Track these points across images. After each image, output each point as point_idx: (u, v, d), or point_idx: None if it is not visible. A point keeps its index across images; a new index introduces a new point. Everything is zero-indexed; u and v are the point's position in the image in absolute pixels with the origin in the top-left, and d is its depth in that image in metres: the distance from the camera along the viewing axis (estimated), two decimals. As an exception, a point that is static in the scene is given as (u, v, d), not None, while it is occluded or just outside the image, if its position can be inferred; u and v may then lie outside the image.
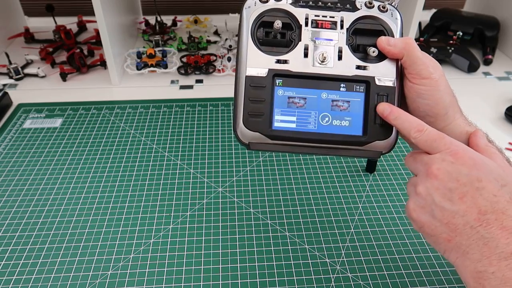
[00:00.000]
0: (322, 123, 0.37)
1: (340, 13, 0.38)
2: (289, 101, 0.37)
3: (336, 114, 0.37)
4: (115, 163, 0.65)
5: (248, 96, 0.36)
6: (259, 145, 0.37)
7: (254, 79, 0.36)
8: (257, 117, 0.36)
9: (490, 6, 1.04)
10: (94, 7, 0.73)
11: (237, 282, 0.48)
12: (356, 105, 0.37)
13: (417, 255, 0.51)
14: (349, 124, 0.37)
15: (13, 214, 0.56)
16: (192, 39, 0.97)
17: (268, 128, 0.36)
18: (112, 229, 0.54)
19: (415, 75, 0.36)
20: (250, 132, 0.36)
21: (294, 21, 0.38)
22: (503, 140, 0.71)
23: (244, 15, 0.38)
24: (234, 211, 0.56)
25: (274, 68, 0.37)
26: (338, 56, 0.37)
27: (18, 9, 1.04)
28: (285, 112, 0.37)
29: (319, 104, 0.37)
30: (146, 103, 0.79)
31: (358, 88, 0.37)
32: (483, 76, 0.90)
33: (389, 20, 0.39)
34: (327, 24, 0.38)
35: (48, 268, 0.49)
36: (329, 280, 0.48)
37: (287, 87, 0.37)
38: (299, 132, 0.37)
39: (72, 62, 0.87)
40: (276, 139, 0.37)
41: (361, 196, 0.59)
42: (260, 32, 0.38)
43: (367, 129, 0.37)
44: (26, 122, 0.73)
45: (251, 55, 0.37)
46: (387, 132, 0.37)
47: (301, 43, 0.37)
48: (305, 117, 0.37)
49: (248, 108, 0.36)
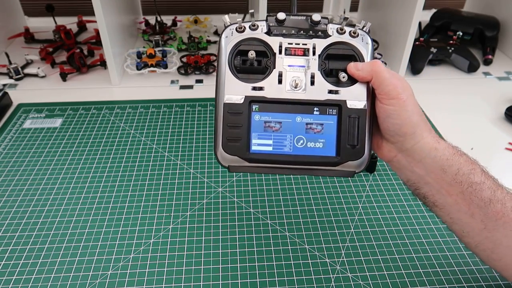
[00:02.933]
0: (297, 146, 0.39)
1: (312, 40, 0.40)
2: (266, 125, 0.39)
3: (310, 136, 0.39)
4: (115, 163, 0.65)
5: (226, 122, 0.38)
6: (239, 168, 0.39)
7: (232, 106, 0.38)
8: (235, 141, 0.38)
9: (490, 6, 1.04)
10: (94, 7, 0.73)
11: (237, 282, 0.48)
12: (329, 127, 0.39)
13: (417, 255, 0.51)
14: (323, 146, 0.39)
15: (13, 214, 0.56)
16: (192, 39, 0.97)
17: (245, 152, 0.38)
18: (112, 229, 0.54)
19: (384, 95, 0.38)
20: (229, 156, 0.38)
21: (268, 49, 0.40)
22: (503, 140, 0.71)
23: (222, 44, 0.40)
24: (234, 211, 0.56)
25: (250, 95, 0.38)
26: (311, 81, 0.39)
27: (18, 9, 1.04)
28: (262, 136, 0.39)
29: (294, 128, 0.39)
30: (146, 103, 0.79)
31: (330, 111, 0.39)
32: (483, 76, 0.90)
33: (360, 45, 0.40)
34: (300, 51, 0.40)
35: (48, 268, 0.49)
36: (329, 280, 0.48)
37: (263, 112, 0.39)
38: (276, 155, 0.38)
39: (72, 62, 0.87)
40: (254, 162, 0.39)
41: (361, 196, 0.59)
42: (237, 60, 0.39)
43: (340, 150, 0.39)
44: (26, 122, 0.73)
45: (228, 83, 0.39)
46: (359, 152, 0.39)
47: (275, 70, 0.39)
48: (281, 140, 0.39)
49: (227, 134, 0.38)
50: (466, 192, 0.38)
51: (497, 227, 0.37)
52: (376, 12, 1.01)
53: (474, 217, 0.38)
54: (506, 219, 0.37)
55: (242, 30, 0.40)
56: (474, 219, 0.38)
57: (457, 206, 0.38)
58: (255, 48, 0.39)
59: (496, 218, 0.37)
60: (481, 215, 0.37)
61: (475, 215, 0.38)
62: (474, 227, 0.38)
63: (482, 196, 0.37)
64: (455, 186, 0.38)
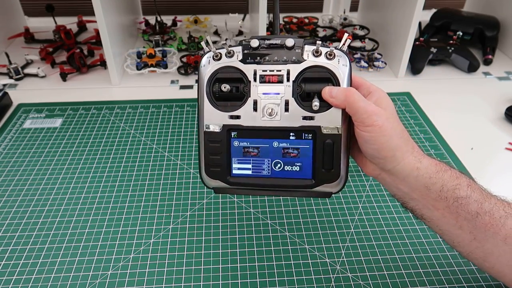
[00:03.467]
0: (275, 169, 0.41)
1: (287, 65, 0.39)
2: (244, 150, 0.41)
3: (287, 160, 0.40)
4: (115, 163, 0.65)
5: (207, 150, 0.41)
6: (222, 190, 0.42)
7: (211, 134, 0.40)
8: (216, 167, 0.41)
9: (490, 6, 1.04)
10: (94, 7, 0.73)
11: (237, 282, 0.48)
12: (305, 151, 0.40)
13: (417, 255, 0.51)
14: (299, 169, 0.40)
15: (13, 214, 0.56)
16: (192, 39, 0.97)
17: (226, 176, 0.41)
18: (112, 229, 0.54)
19: (359, 123, 0.38)
20: (212, 180, 0.42)
21: (244, 76, 0.40)
22: (503, 140, 0.71)
23: (200, 73, 0.41)
24: (234, 211, 0.56)
25: (228, 124, 0.40)
26: (285, 108, 0.39)
27: (18, 9, 1.04)
28: (241, 161, 0.41)
29: (271, 152, 0.41)
30: (146, 103, 0.79)
31: (306, 136, 0.40)
32: (483, 76, 0.90)
33: (336, 67, 0.39)
34: (274, 78, 0.40)
35: (48, 268, 0.49)
36: (329, 280, 0.48)
37: (242, 138, 0.41)
38: (255, 178, 0.41)
39: (72, 62, 0.87)
40: (235, 185, 0.41)
41: (361, 196, 0.59)
42: (215, 87, 0.40)
43: (315, 174, 0.40)
44: (26, 122, 0.73)
45: (207, 112, 0.40)
46: (334, 175, 0.40)
47: (250, 98, 0.40)
48: (260, 164, 0.41)
49: (208, 160, 0.41)
50: (452, 207, 0.38)
51: (486, 238, 0.37)
52: (376, 12, 1.01)
53: (462, 229, 0.38)
54: (495, 230, 0.37)
55: (219, 58, 0.40)
56: (463, 231, 0.38)
57: (444, 219, 0.39)
58: (231, 76, 0.40)
59: (485, 229, 0.37)
60: (470, 227, 0.38)
61: (464, 227, 0.38)
62: (464, 238, 0.38)
63: (468, 210, 0.37)
64: (440, 202, 0.38)
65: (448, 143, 0.70)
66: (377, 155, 0.38)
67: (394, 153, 0.38)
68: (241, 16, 1.09)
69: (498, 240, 0.37)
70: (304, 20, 1.07)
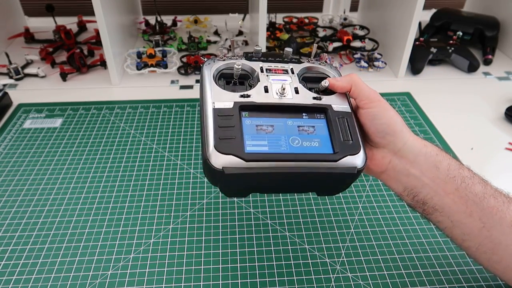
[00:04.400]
0: (293, 145, 0.38)
1: (289, 64, 0.44)
2: (258, 128, 0.38)
3: (304, 137, 0.39)
4: (115, 163, 0.65)
5: (217, 124, 0.36)
6: (234, 169, 0.35)
7: (222, 110, 0.38)
8: (229, 141, 0.36)
9: (490, 6, 1.04)
10: (94, 7, 0.73)
11: (237, 282, 0.48)
12: (320, 129, 0.39)
13: (417, 255, 0.51)
14: (318, 144, 0.38)
15: (13, 214, 0.56)
16: (192, 39, 0.97)
17: (242, 150, 0.35)
18: (112, 229, 0.54)
19: (365, 100, 0.40)
20: (224, 156, 0.35)
21: (250, 71, 0.42)
22: (503, 140, 0.71)
23: (204, 69, 0.42)
24: (234, 211, 0.56)
25: (239, 101, 0.39)
26: (295, 90, 0.41)
27: (18, 9, 1.04)
28: (256, 137, 0.37)
29: (287, 130, 0.38)
30: (146, 103, 0.79)
31: (318, 115, 0.40)
32: (483, 76, 0.90)
33: (330, 69, 0.45)
34: (280, 70, 0.43)
35: (48, 268, 0.49)
36: (329, 280, 0.48)
37: (254, 117, 0.38)
38: (273, 154, 0.36)
39: (72, 62, 0.87)
40: (252, 161, 0.35)
41: (361, 196, 0.59)
42: (221, 81, 0.42)
43: (336, 147, 0.38)
44: (26, 122, 0.73)
45: (215, 93, 0.39)
46: (355, 147, 0.38)
47: (260, 83, 0.41)
48: (276, 141, 0.37)
49: (219, 133, 0.36)
50: (460, 188, 0.39)
51: (494, 224, 0.38)
52: (376, 12, 1.01)
53: (472, 216, 0.38)
54: (502, 214, 0.38)
55: (223, 58, 0.43)
56: (473, 218, 0.38)
57: (455, 206, 0.39)
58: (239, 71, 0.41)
59: (492, 213, 0.38)
60: (478, 212, 0.38)
61: (473, 213, 0.38)
62: (473, 227, 0.39)
63: (475, 191, 0.38)
64: (450, 183, 0.39)
65: (448, 143, 0.70)
66: (387, 130, 0.40)
67: (402, 128, 0.40)
68: (241, 16, 1.09)
69: (505, 227, 0.37)
70: (304, 20, 1.07)
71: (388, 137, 0.40)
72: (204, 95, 0.39)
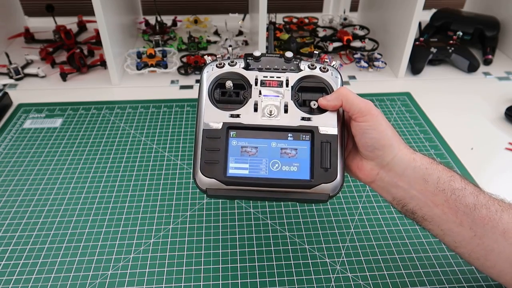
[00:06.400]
0: (273, 169, 0.40)
1: (286, 74, 0.43)
2: (242, 150, 0.40)
3: (285, 160, 0.40)
4: (115, 163, 0.65)
5: (205, 147, 0.40)
6: (216, 191, 0.40)
7: (210, 132, 0.40)
8: (213, 164, 0.40)
9: (490, 6, 1.04)
10: (94, 7, 0.73)
11: (237, 282, 0.48)
12: (303, 152, 0.40)
13: (417, 255, 0.51)
14: (297, 169, 0.40)
15: (13, 214, 0.56)
16: (192, 39, 0.97)
17: (223, 175, 0.39)
18: (112, 229, 0.54)
19: (357, 113, 0.40)
20: (207, 179, 0.39)
21: (245, 81, 0.43)
22: (503, 140, 0.71)
23: (203, 77, 0.43)
24: (234, 211, 0.56)
25: (228, 122, 0.41)
26: (284, 109, 0.42)
27: (18, 9, 1.04)
28: (239, 160, 0.40)
29: (269, 152, 0.40)
30: (146, 103, 0.79)
31: (304, 137, 0.41)
32: (483, 76, 0.90)
33: (329, 78, 0.43)
34: (274, 83, 0.43)
35: (48, 268, 0.49)
36: (329, 280, 0.48)
37: (240, 138, 0.41)
38: (252, 178, 0.39)
39: (72, 62, 0.87)
40: (231, 184, 0.39)
41: (361, 196, 0.59)
42: (217, 92, 0.43)
43: (313, 173, 0.40)
44: (26, 122, 0.73)
45: (207, 111, 0.41)
46: (331, 175, 0.40)
47: (251, 99, 0.42)
48: (257, 164, 0.40)
49: (205, 157, 0.40)
50: (450, 200, 0.38)
51: (486, 233, 0.38)
52: (376, 12, 1.01)
53: (463, 225, 0.38)
54: (493, 223, 0.37)
55: (222, 66, 0.43)
56: (463, 227, 0.38)
57: (445, 216, 0.39)
58: (233, 81, 0.42)
59: (483, 223, 0.37)
60: (469, 222, 0.38)
61: (464, 223, 0.38)
62: (465, 235, 0.39)
63: (466, 202, 0.38)
64: (439, 195, 0.39)
65: (448, 143, 0.70)
66: (376, 145, 0.40)
67: (391, 142, 0.40)
68: (241, 16, 1.09)
69: (498, 235, 0.37)
70: (304, 20, 1.07)
71: (377, 151, 0.40)
72: (199, 110, 0.42)
